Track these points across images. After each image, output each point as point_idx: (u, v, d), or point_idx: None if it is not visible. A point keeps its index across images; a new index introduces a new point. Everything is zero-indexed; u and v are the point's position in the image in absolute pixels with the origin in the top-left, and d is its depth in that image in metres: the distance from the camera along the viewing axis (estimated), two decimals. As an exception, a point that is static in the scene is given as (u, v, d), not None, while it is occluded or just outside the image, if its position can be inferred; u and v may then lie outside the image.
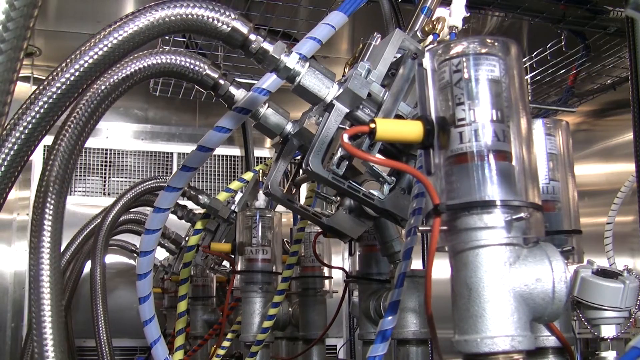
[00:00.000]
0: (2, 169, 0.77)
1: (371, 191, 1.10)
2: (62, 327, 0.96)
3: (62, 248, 2.68)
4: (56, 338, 0.94)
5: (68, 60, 0.86)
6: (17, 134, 0.80)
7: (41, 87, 0.85)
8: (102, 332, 2.29)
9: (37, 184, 0.99)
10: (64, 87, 0.85)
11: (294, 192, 1.36)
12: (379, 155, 1.10)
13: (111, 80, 1.01)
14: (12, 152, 0.79)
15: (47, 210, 0.97)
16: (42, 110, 0.83)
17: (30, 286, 0.96)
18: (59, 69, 0.86)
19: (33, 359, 0.96)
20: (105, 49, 0.87)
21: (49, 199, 0.97)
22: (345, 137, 0.76)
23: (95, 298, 2.30)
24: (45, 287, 0.95)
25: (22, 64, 0.57)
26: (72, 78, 0.85)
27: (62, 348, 0.94)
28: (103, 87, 1.01)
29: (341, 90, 1.03)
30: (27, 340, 2.59)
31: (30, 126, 0.82)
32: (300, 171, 1.24)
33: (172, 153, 3.77)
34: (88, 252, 2.75)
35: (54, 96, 0.84)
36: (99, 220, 2.46)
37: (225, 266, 2.31)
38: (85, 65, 0.86)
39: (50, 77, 0.85)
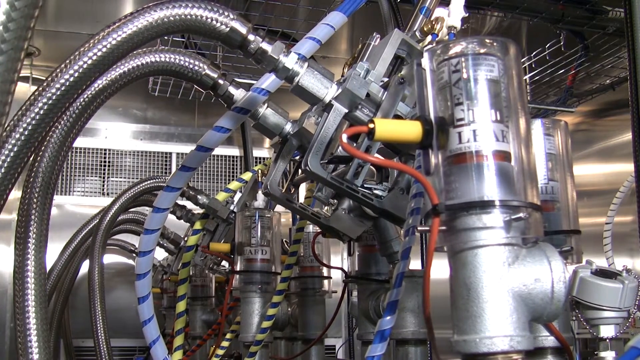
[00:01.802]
0: (2, 170, 0.77)
1: (375, 192, 1.10)
2: (46, 318, 0.96)
3: (61, 248, 2.70)
4: (39, 328, 0.94)
5: (67, 61, 0.86)
6: (17, 135, 0.81)
7: (40, 89, 0.85)
8: (100, 331, 2.29)
9: (25, 179, 0.99)
10: (63, 88, 0.85)
11: (292, 192, 1.36)
12: (377, 155, 1.10)
13: (107, 76, 1.01)
14: (12, 154, 0.79)
15: (33, 205, 0.97)
16: (41, 112, 0.83)
17: (15, 277, 0.97)
18: (58, 70, 0.86)
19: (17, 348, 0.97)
20: (104, 49, 0.87)
21: (35, 193, 0.97)
22: (345, 137, 0.76)
23: (93, 298, 2.30)
24: (30, 278, 0.95)
25: (22, 65, 0.57)
26: (71, 79, 0.85)
27: (46, 338, 0.95)
28: (97, 83, 1.01)
29: (340, 90, 1.03)
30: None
31: (30, 127, 0.82)
32: (299, 171, 1.24)
33: (171, 153, 3.76)
34: (86, 252, 2.75)
35: (54, 97, 0.84)
36: (97, 220, 2.46)
37: (224, 266, 2.31)
38: (85, 66, 0.86)
39: (49, 79, 0.85)
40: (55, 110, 0.84)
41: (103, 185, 3.66)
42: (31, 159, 1.01)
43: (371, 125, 0.77)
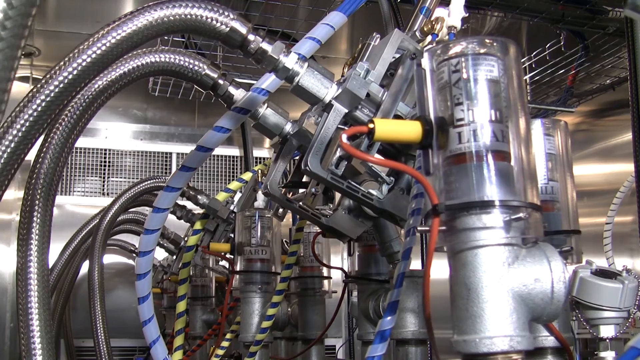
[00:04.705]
0: None
1: (370, 191, 1.10)
2: (49, 320, 0.96)
3: (61, 248, 2.70)
4: (43, 330, 0.94)
5: (66, 59, 0.86)
6: (14, 132, 0.80)
7: (39, 86, 0.85)
8: (100, 331, 2.29)
9: (27, 180, 0.99)
10: (61, 85, 0.84)
11: (291, 194, 1.36)
12: (377, 156, 1.10)
13: (107, 76, 1.01)
14: (8, 151, 0.78)
15: (35, 206, 0.97)
16: (39, 109, 0.83)
17: (18, 279, 0.97)
18: (56, 68, 0.85)
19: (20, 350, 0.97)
20: (103, 48, 0.86)
21: (37, 195, 0.97)
22: (344, 137, 0.76)
23: (93, 298, 2.30)
24: (33, 279, 0.95)
25: (19, 63, 0.57)
26: (69, 77, 0.85)
27: (50, 340, 0.95)
28: (98, 84, 1.01)
29: (340, 90, 1.03)
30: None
31: (27, 124, 0.81)
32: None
33: (171, 153, 3.77)
34: (85, 252, 2.75)
35: (51, 95, 0.84)
36: (97, 220, 2.46)
37: (224, 266, 2.31)
38: (83, 64, 0.85)
39: (47, 76, 0.85)
40: (52, 107, 0.84)
41: (103, 185, 3.66)
42: (33, 160, 1.01)
43: (371, 126, 0.77)
